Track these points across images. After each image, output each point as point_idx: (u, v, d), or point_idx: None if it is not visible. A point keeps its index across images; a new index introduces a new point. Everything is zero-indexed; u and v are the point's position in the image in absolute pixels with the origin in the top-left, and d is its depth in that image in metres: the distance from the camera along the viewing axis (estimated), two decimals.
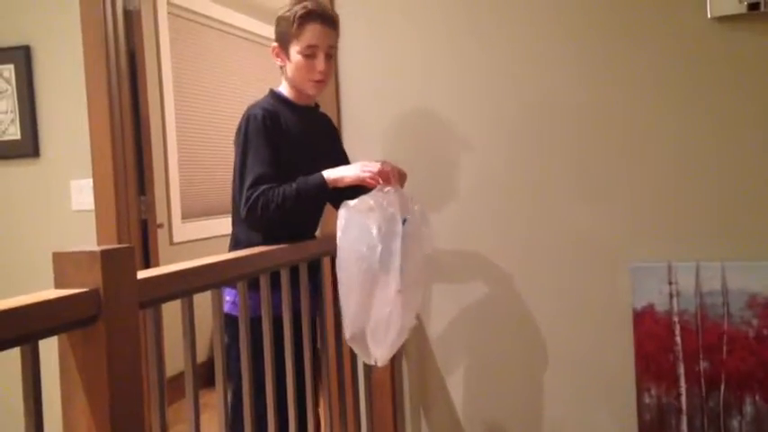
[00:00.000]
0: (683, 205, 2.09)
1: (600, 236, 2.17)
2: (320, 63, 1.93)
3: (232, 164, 1.90)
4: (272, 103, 1.96)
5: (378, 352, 1.80)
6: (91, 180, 2.69)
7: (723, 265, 2.02)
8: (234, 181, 1.89)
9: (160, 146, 3.80)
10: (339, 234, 1.76)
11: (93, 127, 2.66)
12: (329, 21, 1.96)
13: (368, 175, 1.84)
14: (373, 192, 1.82)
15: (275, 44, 1.98)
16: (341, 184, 1.87)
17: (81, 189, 2.73)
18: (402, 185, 1.95)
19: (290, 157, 1.90)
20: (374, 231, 1.75)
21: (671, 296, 2.07)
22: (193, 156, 4.15)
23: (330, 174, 1.88)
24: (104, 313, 1.06)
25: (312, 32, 1.93)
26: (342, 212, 1.78)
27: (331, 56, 1.97)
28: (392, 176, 1.86)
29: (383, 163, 1.89)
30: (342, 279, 1.77)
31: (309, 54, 1.92)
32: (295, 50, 1.93)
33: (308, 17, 1.92)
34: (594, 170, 2.17)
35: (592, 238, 2.18)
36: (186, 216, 4.04)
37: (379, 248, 1.74)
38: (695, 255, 2.07)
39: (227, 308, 1.77)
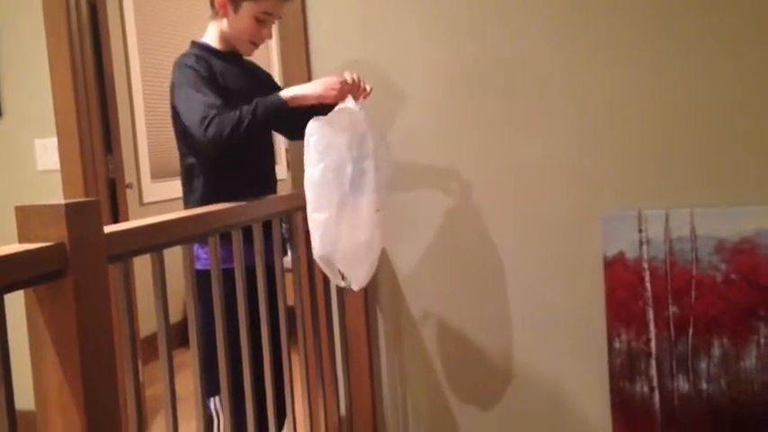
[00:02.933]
0: (654, 154, 2.10)
1: (572, 186, 2.18)
2: (268, 31, 1.92)
3: None
4: (201, 53, 1.91)
5: (359, 273, 1.78)
6: (56, 139, 2.63)
7: (692, 212, 2.05)
8: (177, 134, 1.86)
9: (126, 102, 3.71)
10: (309, 150, 1.70)
11: (56, 84, 2.59)
12: None
13: (332, 94, 1.79)
14: (340, 108, 1.77)
15: None
16: (302, 103, 1.80)
17: (46, 148, 2.67)
18: (366, 98, 1.90)
19: (229, 107, 1.80)
20: (345, 150, 1.71)
21: (641, 243, 2.10)
22: (163, 113, 4.07)
23: (289, 92, 1.80)
24: (71, 268, 1.04)
25: (277, 3, 1.90)
26: (311, 127, 1.71)
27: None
28: (360, 90, 1.83)
29: (350, 73, 1.84)
30: (310, 198, 1.72)
31: (262, 20, 1.89)
32: (248, 11, 1.87)
33: None
34: (566, 121, 2.17)
35: (564, 189, 2.19)
36: (156, 176, 3.98)
37: (350, 168, 1.71)
38: (666, 203, 2.09)
39: (199, 265, 1.75)
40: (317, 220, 1.71)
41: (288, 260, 1.97)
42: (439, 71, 2.26)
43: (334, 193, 1.71)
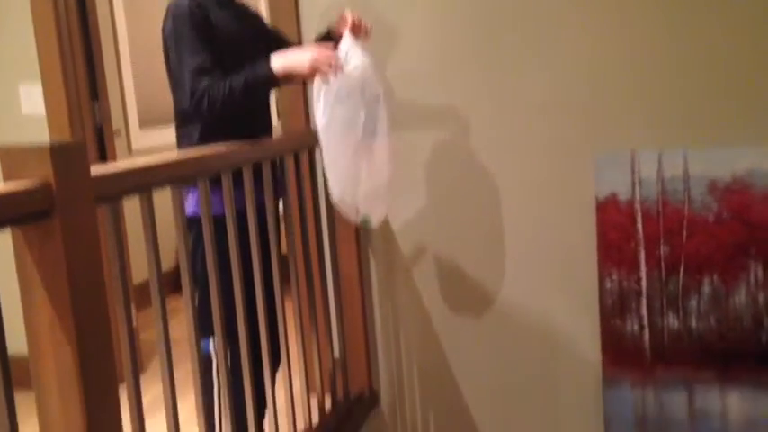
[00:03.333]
0: (647, 95, 2.08)
1: (566, 126, 2.16)
2: None
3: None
4: (199, 3, 1.84)
5: (379, 210, 1.94)
6: (40, 84, 2.58)
7: (685, 152, 2.04)
8: (171, 82, 1.82)
9: (111, 49, 3.63)
10: (320, 98, 1.76)
11: (38, 28, 2.54)
12: None
13: (326, 70, 1.77)
14: (346, 51, 1.80)
15: None
16: (292, 78, 1.80)
17: (30, 94, 2.62)
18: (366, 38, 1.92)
19: (224, 55, 1.79)
20: (358, 96, 1.77)
21: (633, 184, 2.09)
22: (149, 59, 3.99)
23: (279, 62, 1.75)
24: (58, 208, 1.03)
25: None
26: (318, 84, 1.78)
27: None
28: (362, 29, 1.85)
29: (350, 12, 1.84)
30: (326, 145, 1.81)
31: None
32: None
33: None
34: (562, 60, 2.14)
35: (559, 129, 2.17)
36: (145, 123, 3.93)
37: (363, 113, 1.77)
38: (659, 143, 2.08)
39: (189, 210, 1.73)
40: (334, 166, 1.82)
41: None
42: (437, 4, 2.21)
43: (349, 138, 1.79)
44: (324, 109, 1.77)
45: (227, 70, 1.76)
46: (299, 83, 2.18)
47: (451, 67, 2.23)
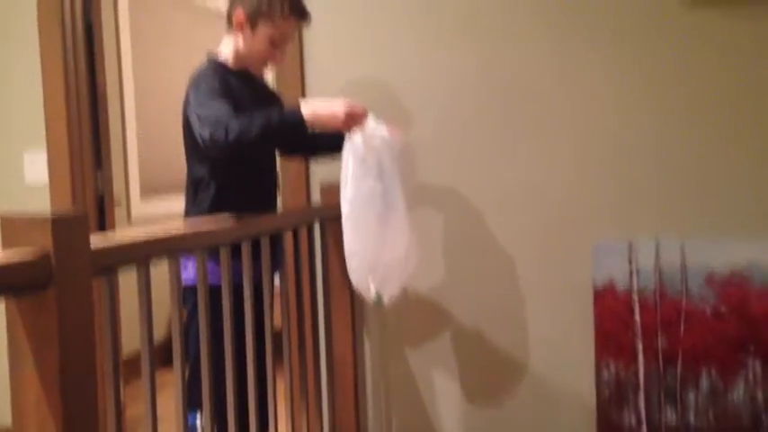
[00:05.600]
0: (646, 183, 2.11)
1: (564, 213, 2.18)
2: (282, 53, 1.93)
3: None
4: (217, 68, 1.92)
5: (392, 287, 1.87)
6: (45, 152, 2.61)
7: (683, 242, 2.05)
8: (187, 149, 1.85)
9: (118, 117, 3.69)
10: (348, 171, 1.78)
11: (48, 96, 2.58)
12: (307, 20, 1.97)
13: (353, 126, 1.78)
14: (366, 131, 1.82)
15: (241, 11, 1.91)
16: (320, 128, 1.83)
17: (34, 162, 2.65)
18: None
19: None
20: (378, 170, 1.78)
21: (631, 274, 2.09)
22: (155, 129, 4.05)
23: (309, 109, 1.72)
24: (55, 280, 1.02)
25: (293, 27, 1.96)
26: (351, 147, 1.79)
27: None
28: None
29: (355, 106, 1.84)
30: (348, 226, 1.81)
31: (278, 43, 1.90)
32: (266, 32, 1.89)
33: (300, 15, 1.92)
34: (561, 147, 2.17)
35: (556, 216, 2.18)
36: (146, 193, 3.95)
37: (383, 186, 1.79)
38: (657, 233, 2.09)
39: (188, 279, 1.72)
40: (355, 247, 1.82)
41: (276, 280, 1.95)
42: (437, 86, 2.27)
43: (373, 211, 1.80)
44: (351, 180, 1.79)
45: None
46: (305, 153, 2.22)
47: (451, 147, 2.26)
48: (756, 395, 1.98)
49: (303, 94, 2.34)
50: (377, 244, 1.82)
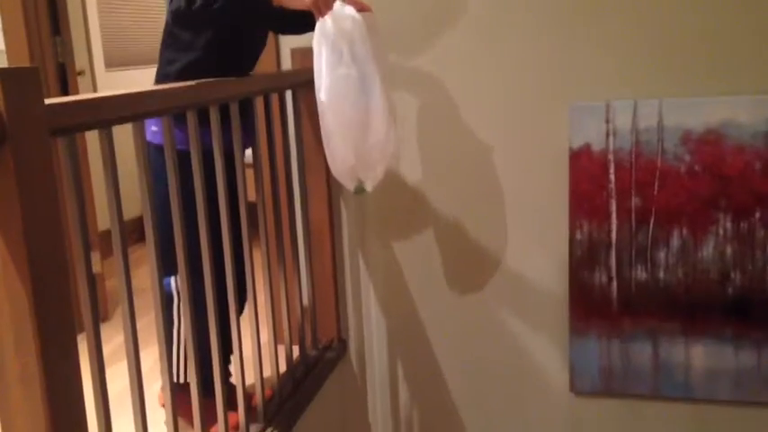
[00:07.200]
0: (624, 44, 2.05)
1: (542, 75, 2.13)
2: None
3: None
4: None
5: (375, 173, 1.84)
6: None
7: (660, 102, 2.02)
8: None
9: None
10: (320, 61, 1.71)
11: None
12: None
13: (325, 11, 1.69)
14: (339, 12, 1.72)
15: None
16: (289, 5, 1.72)
17: None
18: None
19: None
20: (351, 55, 1.70)
21: (607, 134, 2.07)
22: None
23: None
24: (10, 135, 0.97)
25: None
26: (321, 36, 1.70)
27: None
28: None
29: None
30: (328, 115, 1.74)
31: None
32: None
33: None
34: (533, 15, 2.09)
35: (534, 77, 2.14)
36: (111, 64, 3.80)
37: (359, 72, 1.71)
38: (634, 94, 2.06)
39: (149, 136, 1.66)
40: (335, 139, 1.77)
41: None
42: None
43: (347, 104, 1.73)
44: (326, 69, 1.71)
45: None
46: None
47: (434, 25, 2.17)
48: (725, 250, 2.03)
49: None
50: (358, 131, 1.77)
